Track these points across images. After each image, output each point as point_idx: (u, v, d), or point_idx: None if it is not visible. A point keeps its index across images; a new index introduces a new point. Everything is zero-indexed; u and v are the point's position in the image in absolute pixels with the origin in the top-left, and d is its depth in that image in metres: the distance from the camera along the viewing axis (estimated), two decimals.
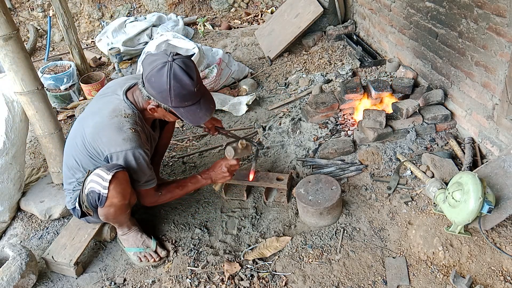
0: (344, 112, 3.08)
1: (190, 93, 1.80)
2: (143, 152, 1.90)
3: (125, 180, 1.89)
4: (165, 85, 1.75)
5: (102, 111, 1.93)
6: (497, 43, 2.28)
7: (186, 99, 1.81)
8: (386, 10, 3.51)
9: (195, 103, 1.85)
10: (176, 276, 2.11)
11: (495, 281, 1.92)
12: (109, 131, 1.86)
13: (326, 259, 2.12)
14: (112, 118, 1.88)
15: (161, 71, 1.75)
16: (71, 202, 2.15)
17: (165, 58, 1.77)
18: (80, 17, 5.51)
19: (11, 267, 1.95)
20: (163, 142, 2.52)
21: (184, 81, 1.76)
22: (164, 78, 1.75)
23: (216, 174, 2.22)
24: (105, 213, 1.96)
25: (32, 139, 3.34)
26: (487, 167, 2.23)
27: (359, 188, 2.53)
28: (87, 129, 1.92)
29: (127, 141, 1.85)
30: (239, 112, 3.44)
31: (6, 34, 2.12)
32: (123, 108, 1.92)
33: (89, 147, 1.92)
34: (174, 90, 1.77)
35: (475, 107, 2.62)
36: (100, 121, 1.90)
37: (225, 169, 2.20)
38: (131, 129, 1.87)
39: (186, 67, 1.77)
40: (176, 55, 1.80)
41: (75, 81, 3.90)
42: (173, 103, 1.81)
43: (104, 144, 1.87)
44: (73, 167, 2.05)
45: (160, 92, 1.78)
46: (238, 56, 4.37)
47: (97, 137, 1.88)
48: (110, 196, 1.86)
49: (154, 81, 1.78)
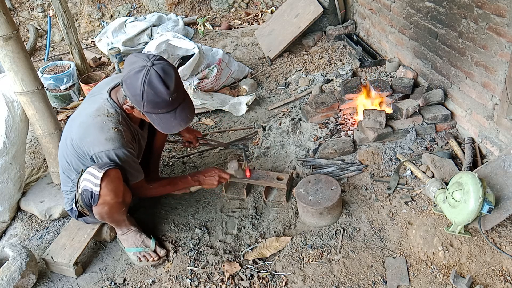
0: (344, 112, 3.08)
1: (164, 102, 1.76)
2: (127, 151, 1.90)
3: (117, 178, 1.88)
4: (139, 90, 1.73)
5: (87, 111, 1.94)
6: (497, 43, 2.28)
7: (159, 106, 1.78)
8: (386, 10, 3.51)
9: (170, 111, 1.81)
10: (176, 276, 2.11)
11: (495, 281, 1.92)
12: (93, 131, 1.87)
13: (326, 259, 2.12)
14: (96, 117, 1.88)
15: (137, 75, 1.72)
16: (68, 203, 2.15)
17: (145, 62, 1.74)
18: (80, 17, 5.51)
19: (11, 267, 1.95)
20: (158, 143, 2.53)
21: (158, 89, 1.73)
22: (139, 83, 1.72)
23: (205, 179, 2.29)
24: (99, 211, 1.95)
25: (32, 139, 3.34)
26: (487, 167, 2.23)
27: (359, 188, 2.53)
28: (74, 129, 1.94)
29: (109, 141, 1.85)
30: (239, 112, 3.44)
31: (6, 34, 2.12)
32: (106, 108, 1.92)
33: (76, 148, 1.93)
34: (147, 96, 1.74)
35: (475, 107, 2.62)
36: (85, 121, 1.91)
37: (216, 178, 2.29)
38: (114, 129, 1.86)
39: (163, 74, 1.73)
40: (158, 60, 1.76)
41: (75, 81, 3.90)
42: (145, 108, 1.78)
43: (89, 144, 1.88)
44: (66, 169, 2.06)
45: (134, 95, 1.76)
46: (238, 56, 4.37)
47: (83, 137, 1.89)
48: (103, 194, 1.85)
49: (129, 83, 1.75)
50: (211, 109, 3.44)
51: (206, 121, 3.42)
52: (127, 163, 1.93)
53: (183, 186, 2.30)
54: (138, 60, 1.76)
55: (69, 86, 3.85)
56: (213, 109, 3.44)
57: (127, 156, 1.91)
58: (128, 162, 1.93)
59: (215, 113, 3.49)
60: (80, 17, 5.51)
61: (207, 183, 2.30)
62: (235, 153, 2.97)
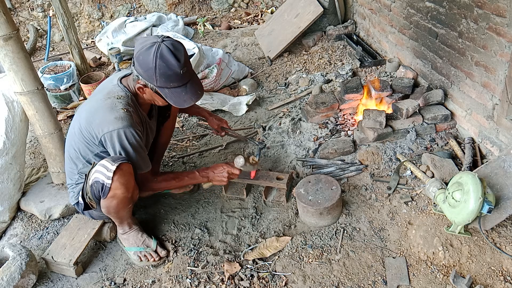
0: (344, 112, 3.08)
1: (175, 74, 1.82)
2: (135, 132, 1.91)
3: (129, 173, 1.91)
4: (151, 64, 1.78)
5: (97, 96, 1.99)
6: (497, 43, 2.28)
7: (171, 80, 1.83)
8: (386, 10, 3.51)
9: (181, 85, 1.87)
10: (176, 276, 2.11)
11: (495, 281, 1.92)
12: (102, 112, 1.90)
13: (326, 259, 2.12)
14: (105, 100, 1.93)
15: (149, 50, 1.79)
16: (74, 197, 2.15)
17: (156, 39, 1.82)
18: (80, 17, 5.51)
19: (11, 267, 1.95)
20: (163, 140, 2.53)
21: (170, 62, 1.79)
22: (151, 57, 1.78)
23: (214, 175, 2.22)
24: (107, 205, 1.97)
25: (32, 139, 3.34)
26: (487, 167, 2.23)
27: (359, 188, 2.53)
28: (83, 115, 1.98)
29: (118, 119, 1.88)
30: (239, 112, 3.44)
31: (6, 34, 2.12)
32: (116, 91, 1.97)
33: (85, 132, 1.95)
34: (160, 69, 1.79)
35: (475, 107, 2.62)
36: (94, 105, 1.96)
37: (226, 174, 2.20)
38: (123, 109, 1.90)
39: (174, 49, 1.80)
40: (167, 38, 1.84)
41: (75, 81, 3.90)
42: (158, 82, 1.83)
43: (98, 125, 1.90)
44: (73, 157, 2.08)
45: (146, 70, 1.81)
46: (238, 56, 4.37)
47: (91, 119, 1.92)
48: (114, 187, 1.87)
49: (141, 59, 1.81)
50: (211, 109, 3.44)
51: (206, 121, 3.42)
52: (135, 147, 1.93)
53: (190, 182, 2.24)
54: (148, 38, 1.85)
55: (69, 86, 3.85)
56: (213, 109, 3.44)
57: (135, 138, 1.92)
58: (136, 146, 1.93)
59: (215, 113, 3.49)
60: (80, 17, 5.51)
61: (217, 180, 2.22)
62: (236, 153, 2.97)
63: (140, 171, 2.02)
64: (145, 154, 2.05)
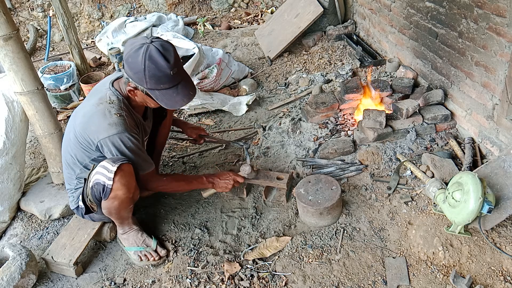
0: (344, 112, 3.08)
1: (165, 76, 1.80)
2: (131, 136, 1.91)
3: (130, 173, 1.91)
4: (140, 65, 1.77)
5: (90, 102, 1.98)
6: (497, 43, 2.28)
7: (161, 81, 1.81)
8: (386, 10, 3.51)
9: (172, 87, 1.85)
10: (176, 276, 2.11)
11: (495, 281, 1.92)
12: (96, 119, 1.89)
13: (326, 259, 2.12)
14: (98, 105, 1.92)
15: (137, 52, 1.77)
16: (74, 201, 2.15)
17: (144, 40, 1.81)
18: (80, 17, 5.51)
19: (11, 267, 1.95)
20: (161, 140, 2.53)
21: (159, 63, 1.77)
22: (140, 58, 1.76)
23: (220, 182, 2.27)
24: (108, 206, 1.97)
25: (32, 139, 3.34)
26: (487, 167, 2.23)
27: (359, 188, 2.53)
28: (77, 121, 1.97)
29: (112, 126, 1.87)
30: (239, 112, 3.44)
31: (6, 34, 2.12)
32: (108, 95, 1.95)
33: (80, 139, 1.94)
34: (149, 71, 1.77)
35: (475, 107, 2.62)
36: (88, 111, 1.94)
37: (231, 182, 2.27)
38: (116, 114, 1.89)
39: (163, 50, 1.78)
40: (156, 39, 1.82)
41: (75, 81, 3.90)
42: (148, 84, 1.82)
43: (93, 132, 1.90)
44: (70, 163, 2.07)
45: (136, 72, 1.80)
46: (238, 56, 4.37)
47: (86, 126, 1.91)
48: (115, 188, 1.87)
49: (130, 61, 1.79)
50: (211, 109, 3.44)
51: (206, 121, 3.42)
52: (134, 150, 1.93)
53: (197, 186, 2.29)
54: (137, 40, 1.83)
55: (69, 86, 3.85)
56: (213, 109, 3.45)
57: (132, 142, 1.91)
58: (134, 149, 1.93)
59: (215, 113, 3.49)
60: (80, 17, 5.51)
61: (221, 186, 2.28)
62: (235, 153, 2.97)
63: (142, 172, 2.02)
64: (146, 155, 2.04)
